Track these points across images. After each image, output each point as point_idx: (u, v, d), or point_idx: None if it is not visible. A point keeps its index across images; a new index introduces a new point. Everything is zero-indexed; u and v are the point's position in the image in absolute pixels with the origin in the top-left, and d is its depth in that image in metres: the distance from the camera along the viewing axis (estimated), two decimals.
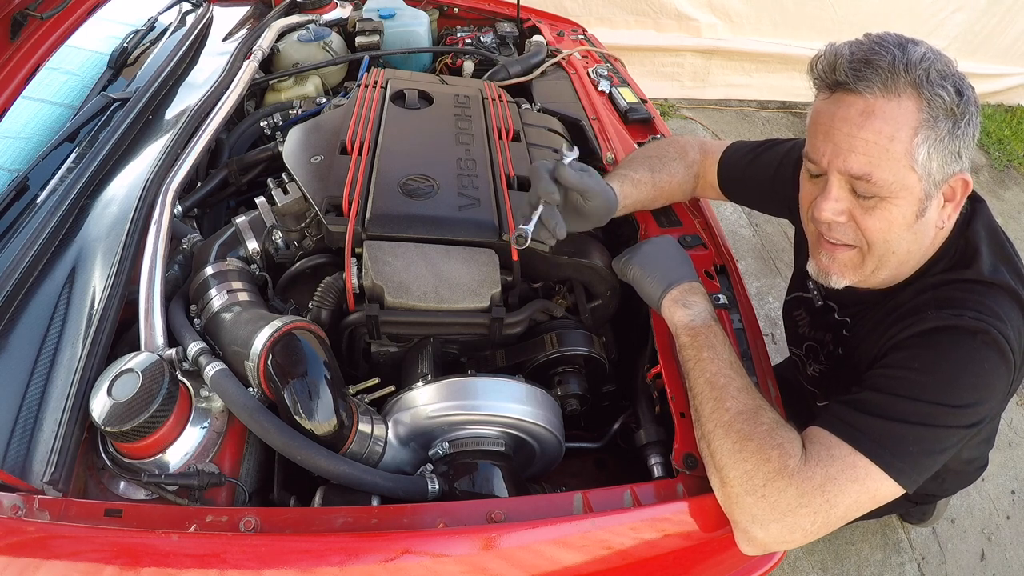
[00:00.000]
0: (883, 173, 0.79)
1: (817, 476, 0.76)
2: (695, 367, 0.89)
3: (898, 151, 0.77)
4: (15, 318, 0.95)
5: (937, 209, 0.83)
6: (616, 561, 0.80)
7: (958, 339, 0.80)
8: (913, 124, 0.77)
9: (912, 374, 0.79)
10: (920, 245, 0.88)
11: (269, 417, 0.83)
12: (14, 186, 1.19)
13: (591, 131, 1.49)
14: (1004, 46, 3.71)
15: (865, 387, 0.83)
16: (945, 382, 0.78)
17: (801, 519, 0.76)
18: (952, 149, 0.78)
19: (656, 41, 3.48)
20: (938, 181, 0.80)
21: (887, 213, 0.82)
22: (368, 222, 1.04)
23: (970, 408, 0.78)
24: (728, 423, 0.82)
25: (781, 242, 2.97)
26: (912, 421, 0.77)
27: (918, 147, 0.77)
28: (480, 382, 0.94)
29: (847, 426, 0.79)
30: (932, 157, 0.77)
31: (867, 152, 0.78)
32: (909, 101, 0.76)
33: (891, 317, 0.91)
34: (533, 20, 2.04)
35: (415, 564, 0.75)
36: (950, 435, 0.78)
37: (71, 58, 1.54)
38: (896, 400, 0.78)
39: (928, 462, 0.78)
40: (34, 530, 0.73)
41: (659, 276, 1.00)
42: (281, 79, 1.68)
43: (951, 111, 0.76)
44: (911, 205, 0.81)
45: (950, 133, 0.77)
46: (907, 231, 0.84)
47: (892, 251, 0.86)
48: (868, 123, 0.77)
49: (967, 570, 1.89)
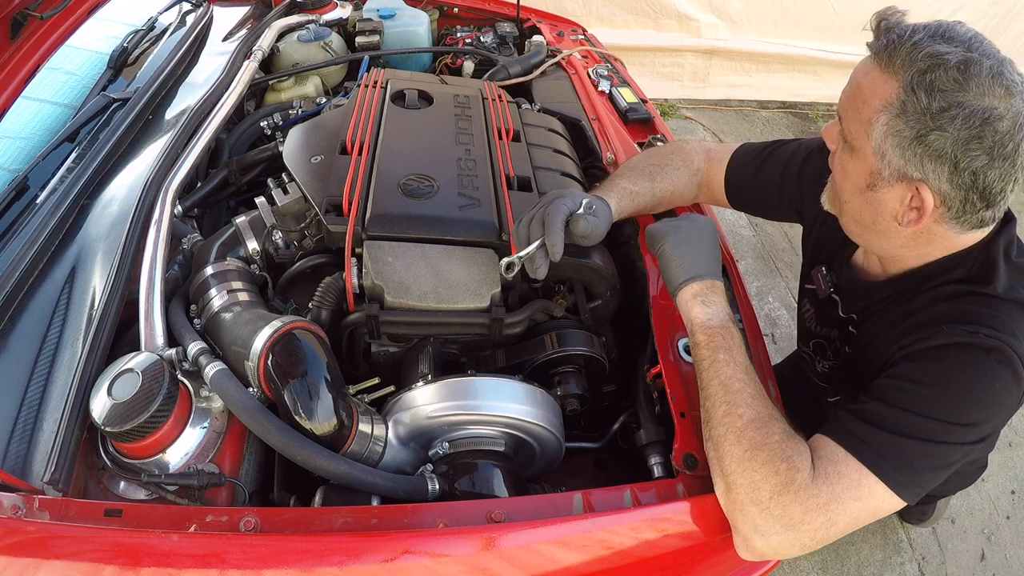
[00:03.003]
0: (848, 124, 0.85)
1: (823, 494, 0.76)
2: (710, 368, 0.88)
3: (864, 114, 0.81)
4: (15, 318, 0.95)
5: (898, 201, 0.83)
6: (616, 561, 0.80)
7: (972, 356, 0.79)
8: (884, 102, 0.78)
9: (922, 388, 0.78)
10: (883, 232, 0.88)
11: (269, 417, 0.83)
12: (14, 186, 1.18)
13: (591, 131, 1.49)
14: (1004, 46, 3.63)
15: (873, 397, 0.82)
16: (955, 399, 0.78)
17: (802, 534, 0.76)
18: (915, 151, 0.77)
19: (656, 41, 3.49)
20: (895, 169, 0.80)
21: (844, 161, 0.87)
22: (368, 222, 1.04)
23: (978, 426, 0.78)
24: (740, 429, 0.81)
25: (781, 242, 2.97)
26: (919, 437, 0.76)
27: (877, 121, 0.79)
28: (480, 382, 0.94)
29: (852, 437, 0.79)
30: (887, 141, 0.79)
31: (849, 99, 0.84)
32: (894, 82, 0.78)
33: (904, 324, 0.90)
34: (533, 20, 2.04)
35: (415, 564, 0.74)
36: (955, 451, 0.78)
37: (71, 58, 1.54)
38: (904, 414, 0.78)
39: (931, 477, 0.78)
40: (34, 530, 0.73)
41: (687, 264, 0.97)
42: (281, 79, 1.68)
43: (922, 115, 0.75)
44: (862, 169, 0.84)
45: (916, 138, 0.77)
46: (858, 194, 0.87)
47: (845, 202, 0.90)
48: (862, 79, 0.82)
49: (967, 570, 1.89)
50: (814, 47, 3.58)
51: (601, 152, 1.41)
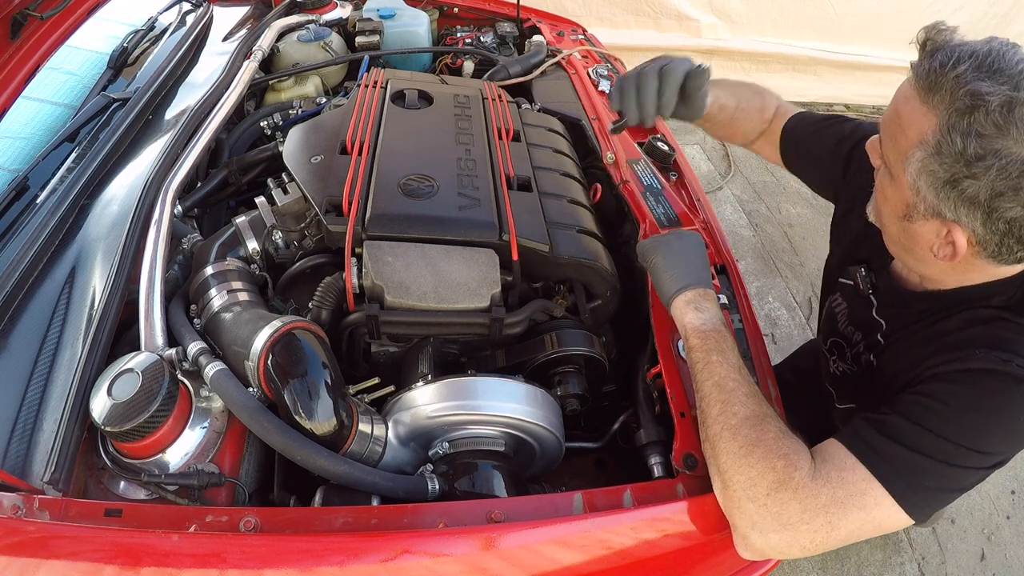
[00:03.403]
0: (887, 150, 0.83)
1: (823, 495, 0.75)
2: (703, 369, 0.89)
3: (902, 145, 0.78)
4: (15, 318, 0.95)
5: (933, 234, 0.80)
6: (616, 561, 0.80)
7: (1003, 385, 0.77)
8: (920, 138, 0.75)
9: (947, 410, 0.77)
10: (921, 258, 0.86)
11: (269, 417, 0.83)
12: (14, 186, 1.19)
13: (591, 131, 1.49)
14: None
15: (894, 411, 0.80)
16: (979, 426, 0.76)
17: (800, 535, 0.76)
18: (948, 194, 0.74)
19: (656, 41, 3.49)
20: (929, 205, 0.77)
21: (884, 185, 0.85)
22: (368, 222, 1.04)
23: (996, 455, 0.77)
24: (735, 427, 0.81)
25: (781, 242, 2.97)
26: (936, 457, 0.75)
27: (912, 156, 0.76)
28: (480, 382, 0.94)
29: (868, 448, 0.77)
30: (922, 179, 0.76)
31: (888, 124, 0.82)
32: (932, 117, 0.73)
33: (936, 343, 0.87)
34: (533, 20, 2.04)
35: (415, 564, 0.75)
36: (970, 476, 0.77)
37: (71, 58, 1.54)
38: (924, 433, 0.76)
39: (942, 498, 0.77)
40: (34, 530, 0.73)
41: (679, 274, 0.99)
42: (281, 79, 1.68)
43: (956, 160, 0.72)
44: (899, 198, 0.82)
45: (949, 181, 0.73)
46: (896, 220, 0.85)
47: (885, 225, 0.89)
48: (902, 105, 0.79)
49: (967, 570, 1.89)
50: (814, 47, 3.58)
51: (601, 152, 1.41)
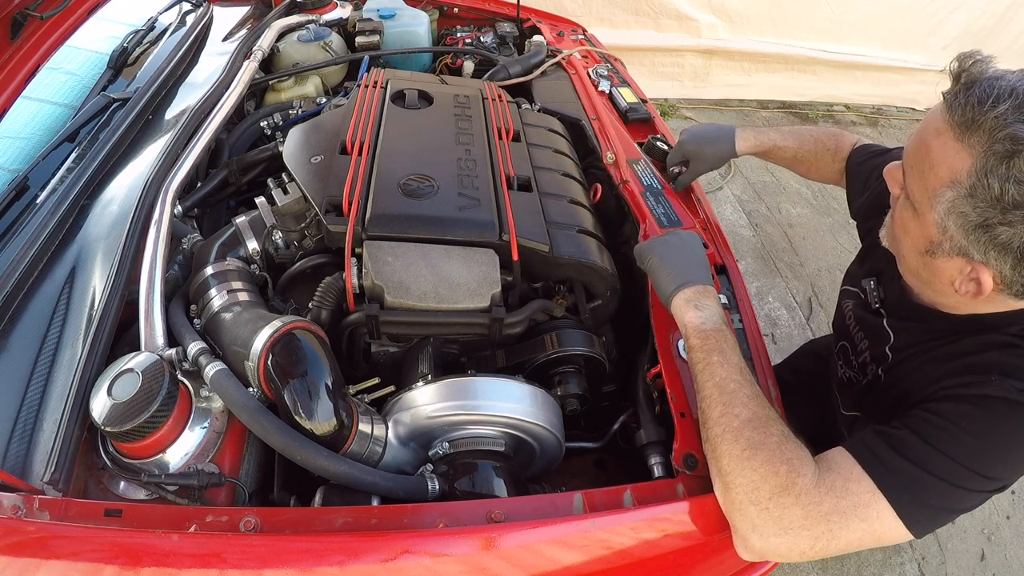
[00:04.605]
0: (912, 183, 0.80)
1: (826, 503, 0.75)
2: (704, 370, 0.88)
3: (930, 183, 0.76)
4: (15, 318, 0.95)
5: (956, 271, 0.79)
6: (616, 561, 0.80)
7: (1016, 414, 0.77)
8: (952, 177, 0.72)
9: (959, 432, 0.77)
10: (939, 291, 0.85)
11: (269, 417, 0.83)
12: (14, 186, 1.18)
13: (591, 131, 1.49)
14: (1003, 46, 3.71)
15: (905, 426, 0.80)
16: (987, 451, 0.77)
17: (800, 540, 0.76)
18: (979, 237, 0.72)
19: (656, 41, 3.49)
20: (956, 244, 0.76)
21: (905, 218, 0.83)
22: (368, 222, 1.04)
23: (1001, 480, 0.77)
24: (737, 429, 0.81)
25: (781, 242, 2.98)
26: (942, 477, 0.75)
27: (942, 196, 0.74)
28: (480, 382, 0.94)
29: (877, 460, 0.77)
30: (951, 219, 0.74)
31: (914, 156, 0.79)
32: (966, 157, 0.71)
33: (951, 364, 0.86)
34: (533, 20, 2.04)
35: (415, 564, 0.74)
36: (973, 498, 0.78)
37: (71, 58, 1.54)
38: (933, 451, 0.76)
39: (943, 517, 0.78)
40: (34, 530, 0.73)
41: (677, 272, 0.98)
42: (281, 79, 1.68)
43: (991, 205, 0.70)
44: (922, 234, 0.80)
45: (982, 225, 0.71)
46: (916, 253, 0.83)
47: (903, 256, 0.87)
48: (932, 139, 0.75)
49: (967, 570, 1.89)
50: (813, 47, 3.58)
51: (601, 152, 1.41)
